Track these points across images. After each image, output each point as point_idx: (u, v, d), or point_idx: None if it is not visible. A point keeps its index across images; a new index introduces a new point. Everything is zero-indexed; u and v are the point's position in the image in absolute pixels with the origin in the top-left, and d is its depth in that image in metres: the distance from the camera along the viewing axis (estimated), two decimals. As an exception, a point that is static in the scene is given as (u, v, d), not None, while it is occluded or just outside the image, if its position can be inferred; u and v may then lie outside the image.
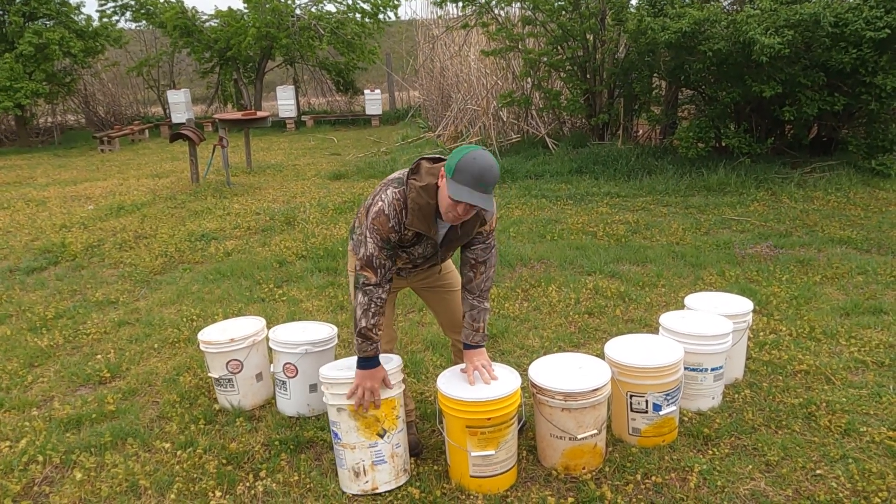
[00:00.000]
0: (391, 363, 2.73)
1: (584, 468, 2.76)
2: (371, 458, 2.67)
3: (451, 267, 2.98)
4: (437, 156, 2.61)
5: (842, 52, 6.93)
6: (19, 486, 2.87)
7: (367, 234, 2.55)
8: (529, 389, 2.85)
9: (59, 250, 6.32)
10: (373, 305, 2.57)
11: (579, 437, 2.71)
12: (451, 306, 2.96)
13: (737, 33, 6.83)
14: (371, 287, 2.56)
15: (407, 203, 2.52)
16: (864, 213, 6.39)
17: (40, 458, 3.04)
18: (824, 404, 3.18)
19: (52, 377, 3.91)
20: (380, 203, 2.53)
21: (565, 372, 2.79)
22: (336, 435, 2.70)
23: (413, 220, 2.52)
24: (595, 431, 2.73)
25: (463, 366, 2.79)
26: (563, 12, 9.17)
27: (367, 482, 2.69)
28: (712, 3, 8.21)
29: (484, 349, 2.77)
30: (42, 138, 15.67)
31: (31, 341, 4.39)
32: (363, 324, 2.57)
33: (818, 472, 2.73)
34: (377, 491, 2.70)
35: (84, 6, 15.52)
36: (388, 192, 2.54)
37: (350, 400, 2.63)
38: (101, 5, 15.80)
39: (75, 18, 14.61)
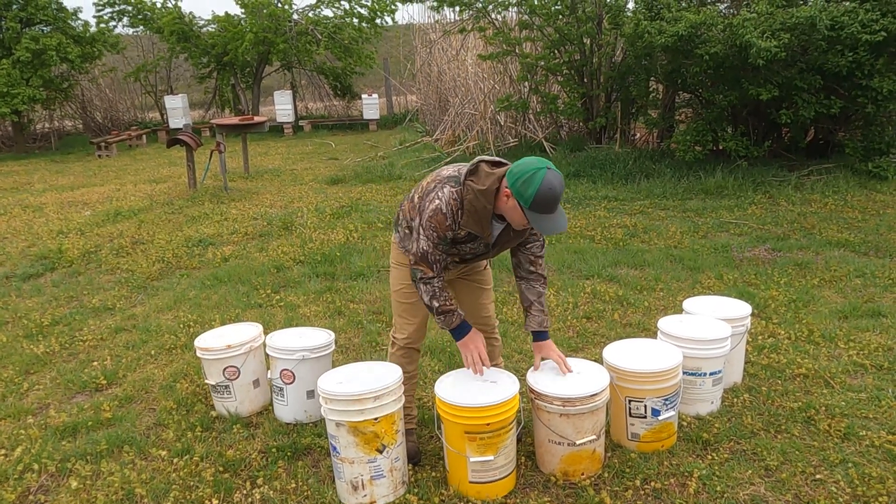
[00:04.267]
0: (393, 375, 2.71)
1: (582, 474, 2.75)
2: (370, 472, 2.65)
3: (489, 264, 3.05)
4: (497, 159, 2.63)
5: (838, 56, 6.95)
6: (14, 494, 2.85)
7: (422, 231, 2.60)
8: (528, 395, 2.84)
9: (56, 256, 6.30)
10: (436, 290, 2.68)
11: (578, 442, 2.70)
12: (478, 302, 3.03)
13: (733, 37, 6.84)
14: (429, 279, 2.67)
15: (463, 203, 2.55)
16: (861, 216, 6.39)
17: (36, 467, 3.02)
18: (823, 408, 3.17)
19: (48, 384, 3.89)
20: (437, 201, 2.56)
21: (563, 377, 2.79)
22: (335, 448, 2.68)
23: (468, 221, 2.56)
24: (594, 437, 2.72)
25: (464, 370, 2.80)
26: (560, 16, 9.19)
27: (365, 496, 2.67)
28: (709, 6, 8.22)
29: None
30: (39, 144, 15.65)
31: (26, 348, 4.37)
32: (436, 305, 2.69)
33: (818, 476, 2.72)
34: None
35: (81, 12, 15.46)
36: (445, 190, 2.56)
37: (469, 370, 2.76)
38: (99, 11, 15.82)
39: (72, 24, 14.61)
